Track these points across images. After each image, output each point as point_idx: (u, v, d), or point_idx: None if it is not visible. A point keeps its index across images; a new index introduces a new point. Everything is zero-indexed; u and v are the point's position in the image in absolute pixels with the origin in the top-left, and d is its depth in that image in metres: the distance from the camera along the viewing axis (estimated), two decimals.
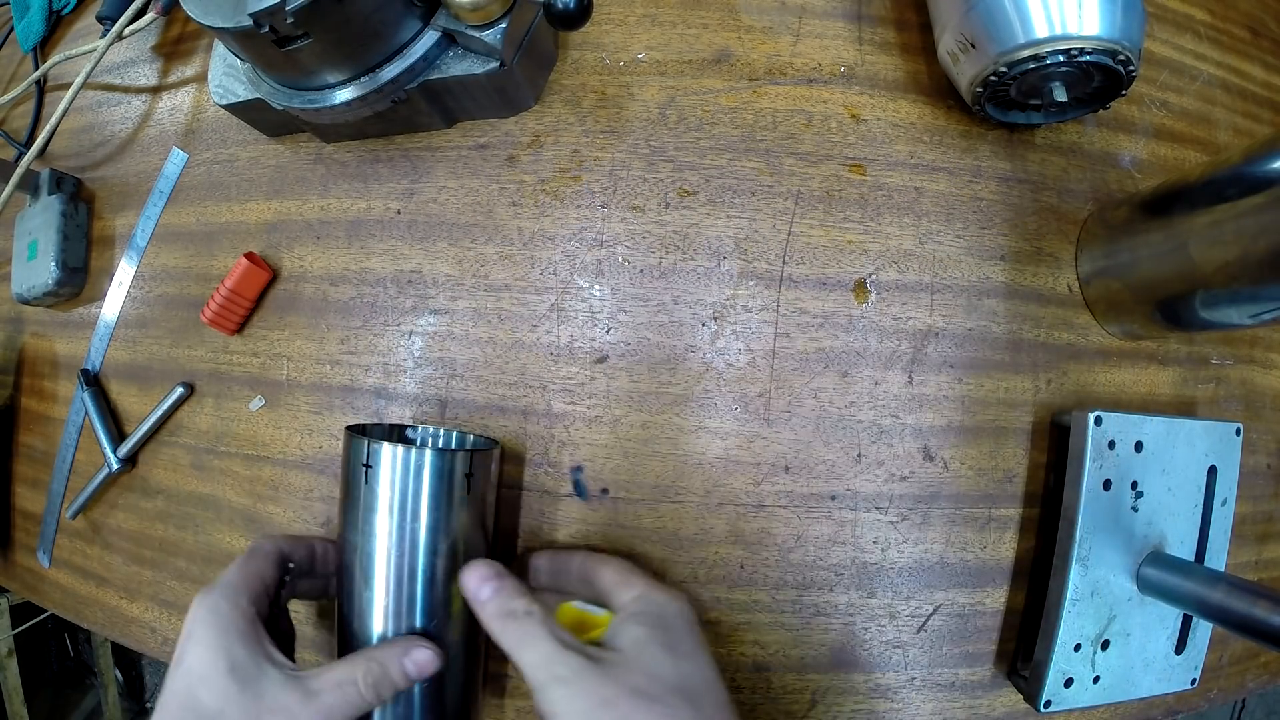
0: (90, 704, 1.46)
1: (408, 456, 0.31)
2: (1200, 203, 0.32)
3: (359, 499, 0.31)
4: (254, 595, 0.29)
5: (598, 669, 0.25)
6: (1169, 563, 0.35)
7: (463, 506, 0.32)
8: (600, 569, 0.32)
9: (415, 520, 0.31)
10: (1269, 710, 1.41)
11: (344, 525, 0.32)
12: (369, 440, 0.31)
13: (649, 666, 0.26)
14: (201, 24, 0.32)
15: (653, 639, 0.27)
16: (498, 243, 0.39)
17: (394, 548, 0.31)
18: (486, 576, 0.30)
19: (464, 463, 0.31)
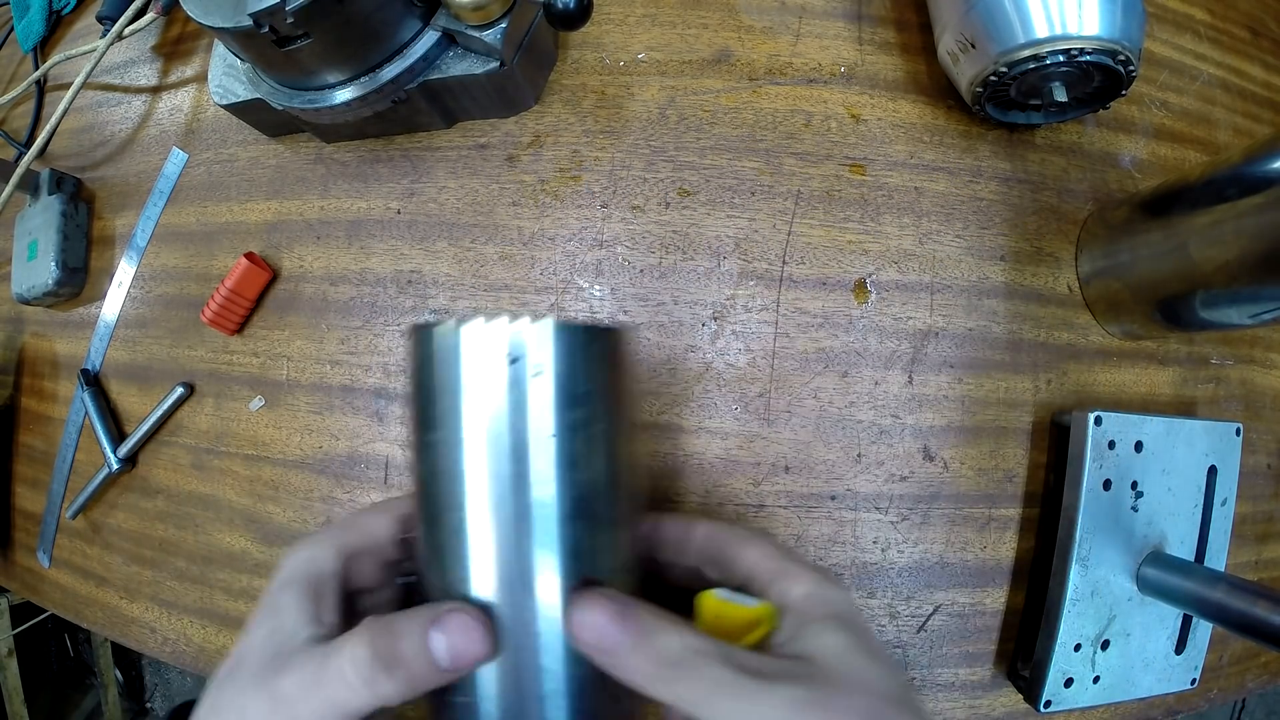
0: (90, 704, 1.46)
1: (520, 336, 0.21)
2: (1200, 203, 0.32)
3: (450, 408, 0.21)
4: (348, 547, 0.24)
5: (821, 695, 0.20)
6: (1169, 563, 0.35)
7: (610, 410, 0.22)
8: (742, 549, 0.25)
9: (550, 429, 0.21)
10: (1269, 710, 1.41)
11: (430, 461, 0.22)
12: (458, 323, 0.21)
13: (866, 682, 0.21)
14: (201, 24, 0.32)
15: (856, 646, 0.22)
16: (498, 243, 0.39)
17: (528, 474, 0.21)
18: (610, 613, 0.20)
19: (604, 343, 0.22)
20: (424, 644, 0.20)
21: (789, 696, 0.20)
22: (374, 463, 0.39)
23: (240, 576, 0.41)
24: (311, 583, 0.23)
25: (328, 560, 0.24)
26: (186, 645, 0.42)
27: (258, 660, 0.21)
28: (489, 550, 0.21)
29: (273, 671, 0.21)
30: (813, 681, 0.20)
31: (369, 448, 0.39)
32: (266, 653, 0.21)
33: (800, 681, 0.20)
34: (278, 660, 0.21)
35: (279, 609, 0.22)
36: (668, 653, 0.20)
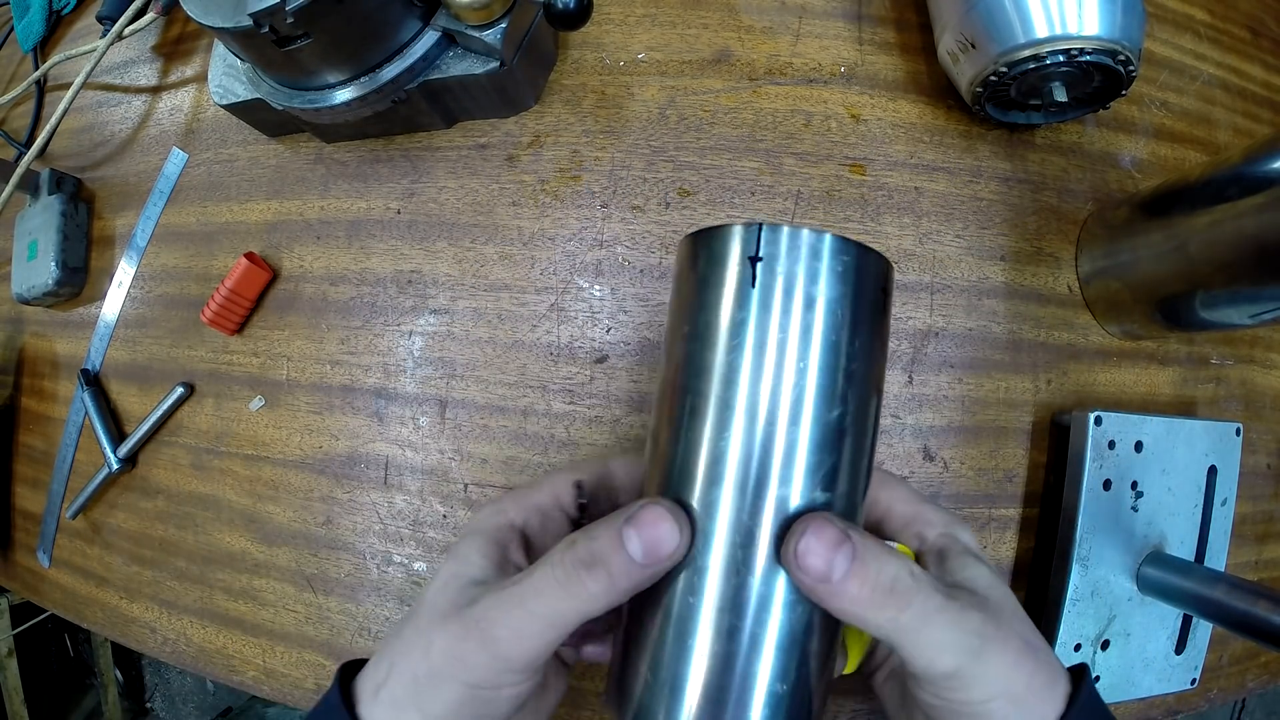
0: (90, 704, 1.46)
1: (818, 243, 0.21)
2: (1200, 203, 0.32)
3: (729, 310, 0.21)
4: (531, 507, 0.25)
5: (996, 625, 0.21)
6: (1169, 563, 0.35)
7: (878, 336, 0.22)
8: (878, 490, 0.25)
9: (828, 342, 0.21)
10: (1269, 710, 1.41)
11: (690, 356, 0.22)
12: (758, 225, 0.21)
13: (1017, 610, 0.23)
14: (201, 24, 0.32)
15: (995, 577, 0.23)
16: (498, 243, 0.39)
17: (789, 382, 0.20)
18: (833, 540, 0.20)
19: (883, 271, 0.22)
20: (619, 539, 0.20)
21: (978, 620, 0.21)
22: (374, 463, 0.39)
23: (240, 576, 0.41)
24: (494, 533, 0.24)
25: (511, 513, 0.24)
26: (186, 645, 0.42)
27: (442, 601, 0.22)
28: (737, 451, 0.21)
29: (460, 606, 0.21)
30: (986, 609, 0.21)
31: (369, 448, 0.39)
32: (450, 592, 0.22)
33: (979, 609, 0.21)
34: (464, 596, 0.22)
35: (463, 556, 0.23)
36: (885, 578, 0.20)
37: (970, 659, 0.20)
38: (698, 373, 0.22)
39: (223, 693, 1.54)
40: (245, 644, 0.40)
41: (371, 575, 0.38)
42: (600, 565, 0.20)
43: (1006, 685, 0.21)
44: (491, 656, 0.20)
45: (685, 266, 0.23)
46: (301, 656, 0.39)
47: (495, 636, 0.20)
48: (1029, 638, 0.22)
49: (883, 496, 0.25)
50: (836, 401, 0.21)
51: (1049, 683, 0.21)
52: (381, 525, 0.38)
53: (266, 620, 0.40)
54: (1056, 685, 0.21)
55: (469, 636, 0.21)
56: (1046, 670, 0.21)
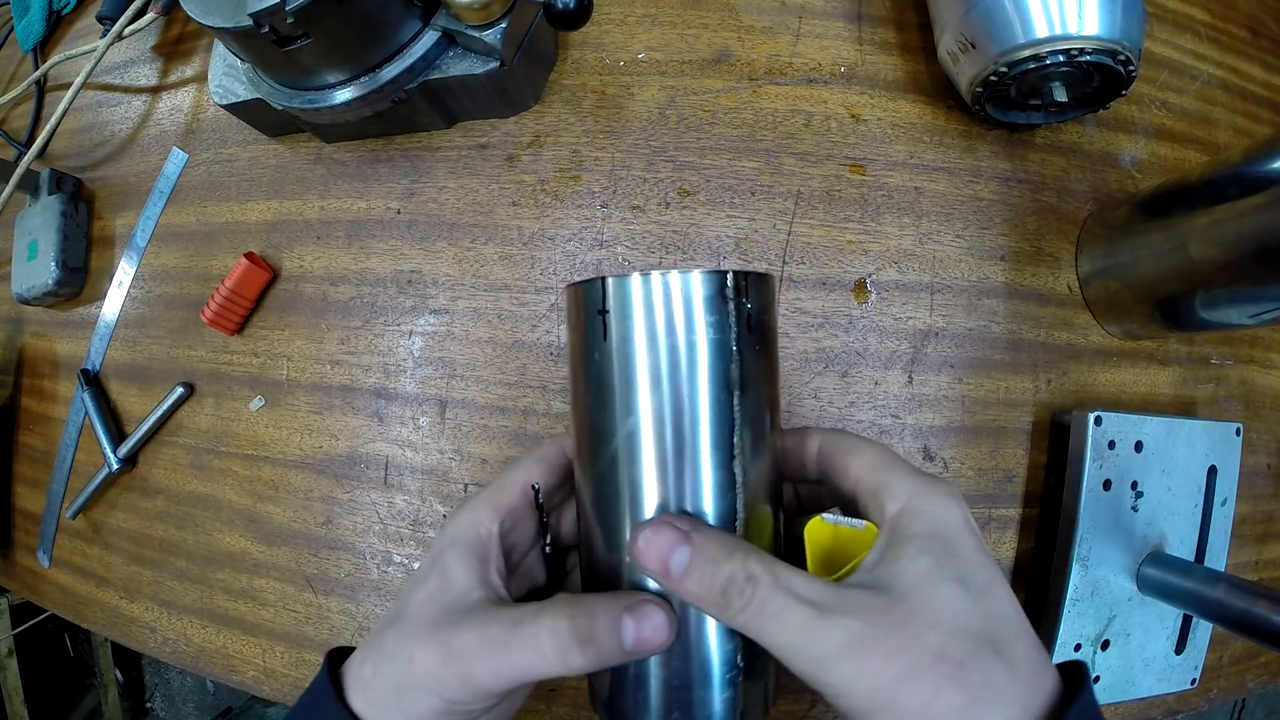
0: (90, 704, 1.46)
1: (668, 284, 0.22)
2: (1200, 203, 0.32)
3: (603, 360, 0.23)
4: (503, 509, 0.25)
5: (881, 631, 0.19)
6: (1169, 563, 0.35)
7: (758, 352, 0.23)
8: (848, 459, 0.24)
9: (697, 376, 0.22)
10: (1269, 710, 1.41)
11: (589, 410, 0.24)
12: (606, 279, 0.23)
13: (945, 615, 0.19)
14: (201, 24, 0.32)
15: (942, 572, 0.20)
16: (498, 243, 0.39)
17: (671, 417, 0.22)
18: (669, 541, 0.21)
19: (749, 288, 0.23)
20: (617, 627, 0.21)
21: (845, 628, 0.19)
22: (374, 463, 0.39)
23: (240, 576, 0.41)
24: (476, 546, 0.24)
25: (488, 522, 0.25)
26: (186, 645, 0.42)
27: (426, 614, 0.23)
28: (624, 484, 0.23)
29: (445, 626, 0.22)
30: (880, 614, 0.19)
31: (369, 448, 0.39)
32: (435, 608, 0.23)
33: (861, 615, 0.19)
34: (450, 616, 0.22)
35: (446, 569, 0.24)
36: (719, 580, 0.20)
37: (830, 668, 0.19)
38: (602, 420, 0.24)
39: (223, 693, 1.54)
40: (245, 644, 0.40)
41: (371, 575, 0.38)
42: (593, 645, 0.21)
43: (887, 701, 0.18)
44: (467, 685, 0.21)
45: (573, 321, 0.25)
46: (301, 656, 0.39)
47: (473, 672, 0.21)
48: (949, 650, 0.19)
49: (851, 466, 0.24)
50: (719, 425, 0.23)
51: (965, 705, 0.18)
52: (381, 525, 0.38)
53: (266, 620, 0.40)
54: (986, 709, 0.18)
55: (448, 664, 0.21)
56: (963, 691, 0.18)
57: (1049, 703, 0.19)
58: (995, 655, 0.19)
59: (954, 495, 0.22)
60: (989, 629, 0.19)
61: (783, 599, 0.20)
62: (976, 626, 0.19)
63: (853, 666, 0.19)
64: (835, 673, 0.19)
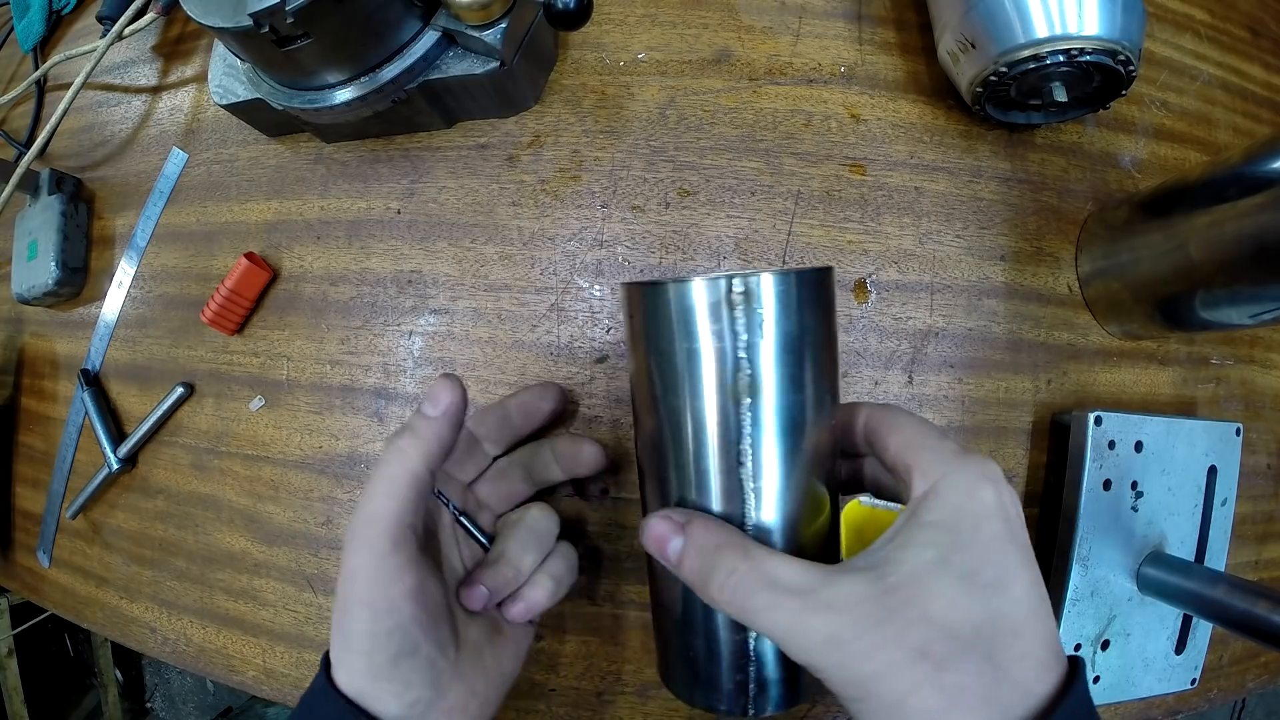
0: (90, 704, 1.46)
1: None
2: (1200, 203, 0.32)
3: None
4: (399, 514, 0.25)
5: (865, 625, 0.19)
6: (1169, 563, 0.35)
7: (783, 353, 0.23)
8: (889, 436, 0.24)
9: (699, 384, 0.23)
10: (1269, 710, 1.41)
11: (639, 397, 0.25)
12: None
13: (937, 611, 0.19)
14: (201, 24, 0.32)
15: (945, 565, 0.19)
16: (498, 243, 0.39)
17: (700, 412, 0.23)
18: (664, 531, 0.23)
19: (817, 285, 0.23)
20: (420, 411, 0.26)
21: (829, 624, 0.19)
22: (374, 463, 0.39)
23: (240, 576, 0.41)
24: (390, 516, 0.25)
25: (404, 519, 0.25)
26: (186, 645, 0.42)
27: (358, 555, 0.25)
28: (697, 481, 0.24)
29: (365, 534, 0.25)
30: (867, 605, 0.19)
31: (369, 448, 0.39)
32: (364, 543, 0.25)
33: (845, 608, 0.19)
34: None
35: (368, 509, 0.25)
36: (705, 569, 0.22)
37: (817, 657, 0.19)
38: (645, 405, 0.25)
39: (223, 693, 1.54)
40: (245, 644, 0.40)
41: None
42: (409, 429, 0.26)
43: (863, 692, 0.19)
44: (366, 540, 0.24)
45: (637, 323, 0.25)
46: (301, 656, 0.39)
47: (366, 513, 0.25)
48: (933, 648, 0.18)
49: (891, 442, 0.23)
50: (722, 432, 0.23)
51: (942, 709, 0.18)
52: None
53: (266, 620, 0.40)
54: (955, 713, 0.18)
55: (353, 551, 0.25)
56: (942, 694, 0.18)
57: (1038, 706, 0.19)
58: (983, 658, 0.19)
59: (989, 478, 0.21)
60: (985, 628, 0.19)
61: (767, 592, 0.20)
62: (970, 625, 0.19)
63: (837, 658, 0.19)
64: (821, 662, 0.19)
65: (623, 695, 0.36)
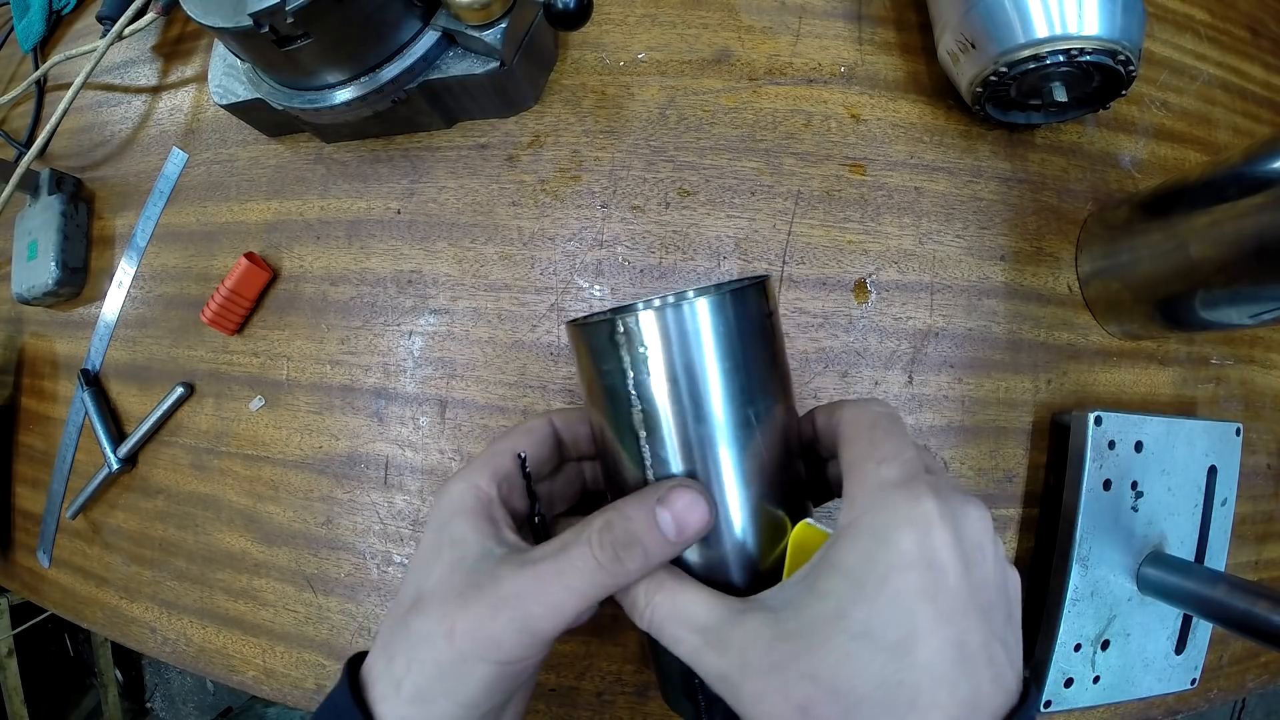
0: (90, 704, 1.46)
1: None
2: (1200, 203, 0.32)
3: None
4: (498, 474, 0.24)
5: (756, 669, 0.19)
6: (1169, 563, 0.35)
7: (770, 363, 0.23)
8: (842, 446, 0.22)
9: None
10: (1269, 710, 1.41)
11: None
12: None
13: (825, 669, 0.18)
14: (201, 24, 0.32)
15: (840, 620, 0.18)
16: (498, 243, 0.39)
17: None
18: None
19: (755, 300, 0.23)
20: (652, 518, 0.21)
21: (722, 666, 0.20)
22: (374, 462, 0.39)
23: (240, 576, 0.41)
24: (482, 510, 0.23)
25: (486, 487, 0.24)
26: (186, 645, 0.42)
27: (453, 584, 0.22)
28: None
29: (480, 587, 0.21)
30: (757, 650, 0.19)
31: (369, 447, 0.39)
32: (461, 575, 0.22)
33: (740, 650, 0.19)
34: (480, 578, 0.22)
35: (457, 537, 0.23)
36: (626, 599, 0.23)
37: (717, 688, 0.20)
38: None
39: (223, 693, 1.54)
40: (245, 644, 0.40)
41: (371, 575, 0.38)
42: (637, 545, 0.21)
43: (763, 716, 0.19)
44: (523, 632, 0.21)
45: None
46: (301, 656, 0.39)
47: (530, 613, 0.21)
48: (815, 710, 0.18)
49: (842, 455, 0.22)
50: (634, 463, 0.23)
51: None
52: (381, 525, 0.38)
53: (266, 620, 0.40)
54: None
55: (499, 615, 0.21)
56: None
57: None
58: (880, 696, 0.17)
59: (916, 522, 0.19)
60: (877, 693, 0.17)
61: (673, 624, 0.21)
62: (859, 689, 0.18)
63: (728, 693, 0.20)
64: (719, 692, 0.20)
65: (623, 695, 0.36)
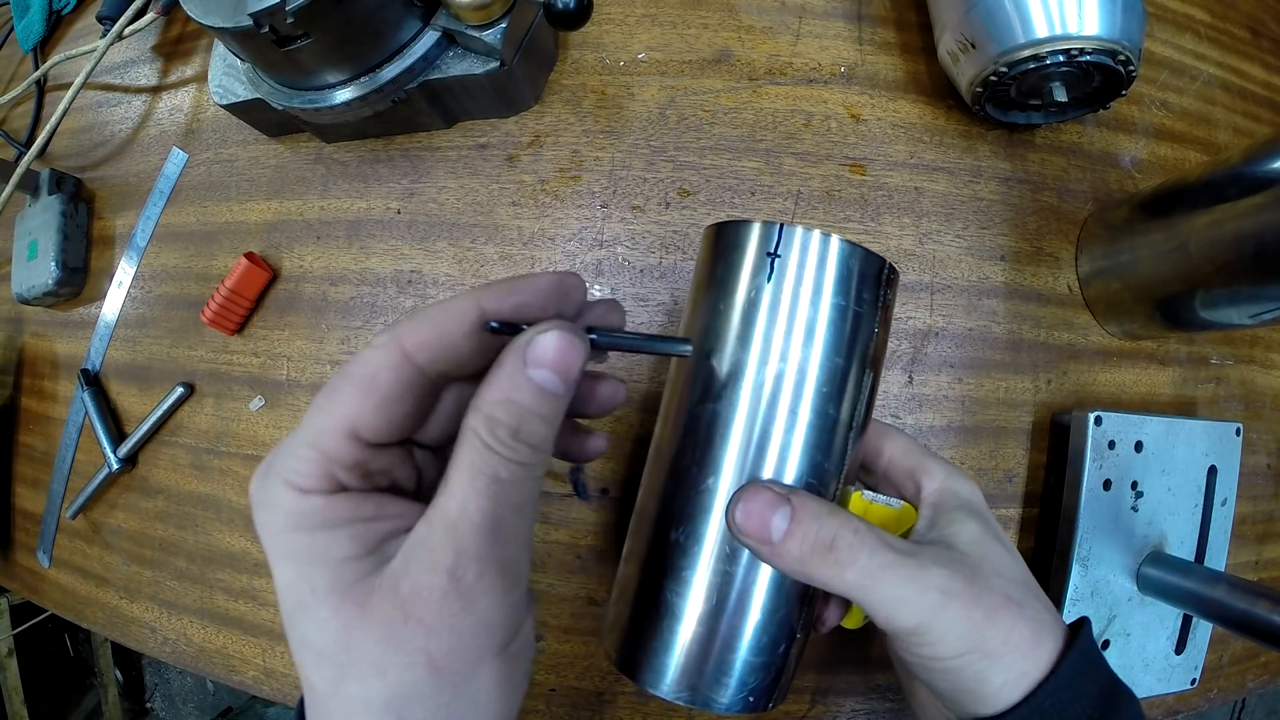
0: (90, 704, 1.46)
1: (844, 250, 0.23)
2: (1200, 203, 0.32)
3: (756, 301, 0.23)
4: (326, 466, 0.17)
5: (966, 580, 0.21)
6: (1169, 563, 0.35)
7: (883, 338, 0.25)
8: (882, 442, 0.26)
9: (846, 342, 0.23)
10: (1269, 710, 1.41)
11: (721, 345, 0.24)
12: (782, 225, 0.24)
13: (1002, 566, 0.23)
14: (201, 24, 0.32)
15: (988, 534, 0.24)
16: (498, 243, 0.39)
17: (824, 377, 0.23)
18: (770, 502, 0.21)
19: (890, 278, 0.25)
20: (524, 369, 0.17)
21: (941, 576, 0.21)
22: None
23: (240, 576, 0.41)
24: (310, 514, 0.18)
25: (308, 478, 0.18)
26: (186, 645, 0.42)
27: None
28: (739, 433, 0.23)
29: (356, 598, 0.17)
30: (958, 565, 0.22)
31: None
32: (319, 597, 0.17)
33: (947, 565, 0.22)
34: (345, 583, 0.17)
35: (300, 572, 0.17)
36: (824, 537, 0.21)
37: (932, 615, 0.21)
38: (710, 356, 0.24)
39: (223, 693, 1.54)
40: (245, 644, 0.40)
41: None
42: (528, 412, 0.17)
43: (978, 641, 0.21)
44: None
45: (707, 254, 0.26)
46: None
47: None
48: (1012, 593, 0.22)
49: (885, 449, 0.26)
50: (833, 395, 0.24)
51: (1032, 638, 0.21)
52: None
53: (266, 620, 0.40)
54: (1042, 641, 0.22)
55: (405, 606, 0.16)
56: (1029, 626, 0.21)
57: (1064, 637, 0.22)
58: (1038, 599, 0.23)
59: (971, 479, 0.26)
60: (1027, 579, 0.23)
61: (889, 553, 0.21)
62: (1020, 576, 0.23)
63: (952, 610, 0.21)
64: (938, 618, 0.21)
65: (623, 695, 0.36)
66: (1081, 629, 0.22)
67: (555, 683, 0.36)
